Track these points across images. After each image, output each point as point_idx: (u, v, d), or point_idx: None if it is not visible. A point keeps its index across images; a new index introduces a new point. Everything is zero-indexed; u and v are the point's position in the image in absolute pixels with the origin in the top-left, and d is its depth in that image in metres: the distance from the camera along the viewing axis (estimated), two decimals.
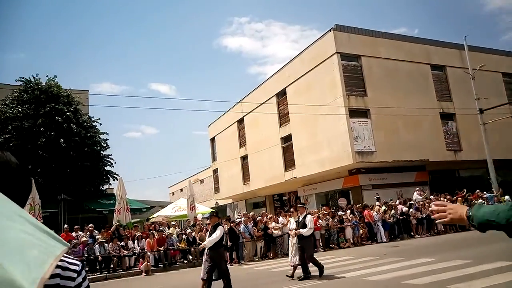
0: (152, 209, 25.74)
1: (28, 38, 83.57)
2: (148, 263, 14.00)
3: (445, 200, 19.56)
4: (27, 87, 22.08)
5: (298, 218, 9.82)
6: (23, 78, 22.44)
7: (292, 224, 10.29)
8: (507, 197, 21.52)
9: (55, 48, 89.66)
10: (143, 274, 13.63)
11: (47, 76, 22.90)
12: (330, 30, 22.69)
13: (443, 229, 18.55)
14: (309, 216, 9.73)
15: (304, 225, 9.45)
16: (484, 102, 22.78)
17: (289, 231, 10.62)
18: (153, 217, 22.34)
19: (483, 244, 12.74)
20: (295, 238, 9.75)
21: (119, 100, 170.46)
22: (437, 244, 14.27)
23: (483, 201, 20.18)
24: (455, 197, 20.21)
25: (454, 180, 25.21)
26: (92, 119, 23.93)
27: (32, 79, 22.53)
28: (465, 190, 21.02)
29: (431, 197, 20.38)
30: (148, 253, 14.50)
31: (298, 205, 10.45)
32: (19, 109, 21.01)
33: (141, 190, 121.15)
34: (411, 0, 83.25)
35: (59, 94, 22.29)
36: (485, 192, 21.22)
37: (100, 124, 24.25)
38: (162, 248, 14.83)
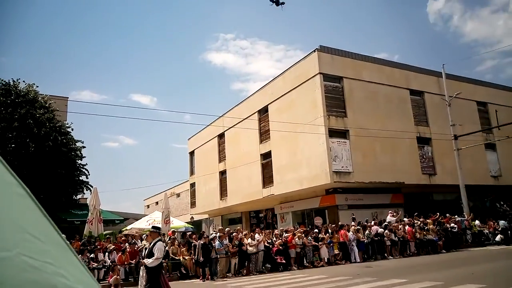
0: (125, 221, 25.18)
1: (10, 42, 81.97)
2: (118, 277, 13.60)
3: (418, 222, 19.89)
4: (5, 90, 21.54)
5: (150, 243, 8.18)
6: (2, 80, 21.93)
7: (144, 251, 8.76)
8: (477, 221, 22.09)
9: (38, 53, 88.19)
10: (112, 287, 13.24)
11: (24, 81, 22.42)
12: (314, 51, 23.00)
13: (416, 251, 18.77)
14: (159, 244, 7.93)
15: (151, 253, 7.81)
16: (459, 129, 23.54)
17: (141, 260, 8.98)
18: (126, 229, 21.83)
19: (454, 267, 12.95)
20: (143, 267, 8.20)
21: (98, 109, 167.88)
22: (409, 265, 14.40)
23: (455, 225, 20.61)
24: (427, 220, 20.54)
25: (427, 203, 25.65)
26: (67, 125, 23.38)
27: (11, 83, 22.03)
28: (438, 213, 21.39)
29: (405, 219, 20.65)
30: (119, 266, 14.13)
31: (151, 229, 8.62)
32: None
33: (116, 202, 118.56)
34: (393, 26, 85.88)
35: (36, 99, 21.82)
36: (456, 216, 21.67)
37: (72, 129, 23.50)
38: (133, 261, 14.48)
